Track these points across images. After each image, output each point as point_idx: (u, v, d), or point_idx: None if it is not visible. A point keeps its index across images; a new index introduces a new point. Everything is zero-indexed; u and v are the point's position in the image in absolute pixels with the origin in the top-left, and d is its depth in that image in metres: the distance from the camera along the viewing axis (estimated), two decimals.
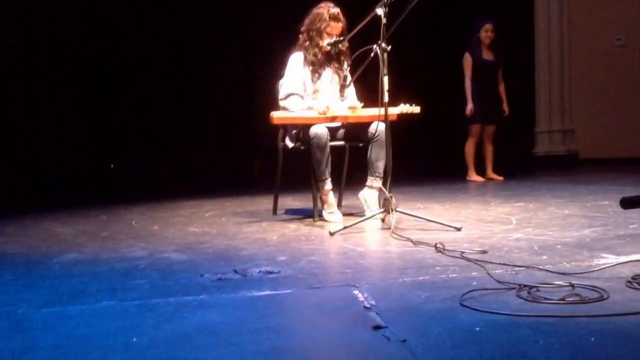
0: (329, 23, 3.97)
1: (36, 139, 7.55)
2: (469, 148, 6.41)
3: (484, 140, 6.48)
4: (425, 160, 8.12)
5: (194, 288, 2.31)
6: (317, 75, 4.06)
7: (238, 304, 2.09)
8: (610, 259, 2.50)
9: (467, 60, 6.31)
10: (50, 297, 2.29)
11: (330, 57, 4.09)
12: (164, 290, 2.30)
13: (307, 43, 4.03)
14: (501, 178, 6.37)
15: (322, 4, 4.04)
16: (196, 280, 2.44)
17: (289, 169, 4.29)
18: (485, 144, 6.48)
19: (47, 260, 3.01)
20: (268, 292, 2.22)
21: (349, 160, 4.38)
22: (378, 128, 3.89)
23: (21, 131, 7.48)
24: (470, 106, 6.26)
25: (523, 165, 7.69)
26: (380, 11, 3.50)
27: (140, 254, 3.06)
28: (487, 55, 6.33)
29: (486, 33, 6.27)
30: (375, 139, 3.90)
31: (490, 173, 6.45)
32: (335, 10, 3.99)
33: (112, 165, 8.14)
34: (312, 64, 4.03)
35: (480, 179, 6.35)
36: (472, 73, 6.28)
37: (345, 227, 3.48)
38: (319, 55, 4.03)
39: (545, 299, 1.97)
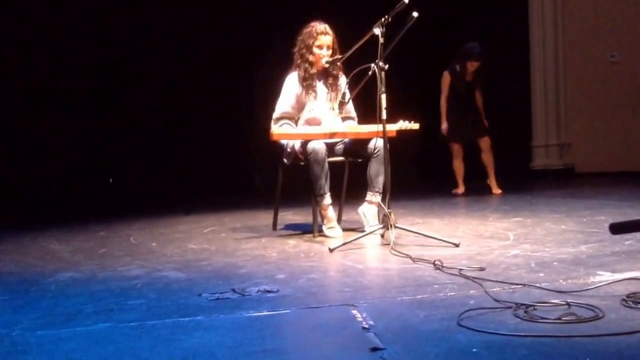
0: (317, 37, 4.04)
1: (34, 153, 7.54)
2: (454, 166, 6.50)
3: (481, 152, 6.48)
4: (424, 176, 8.13)
5: (192, 308, 2.31)
6: (310, 90, 4.10)
7: (236, 325, 2.09)
8: (605, 277, 2.50)
9: (446, 79, 6.37)
10: (45, 318, 2.27)
11: (325, 74, 4.14)
12: (161, 311, 2.30)
13: (299, 61, 4.11)
14: (500, 191, 6.37)
15: (310, 23, 4.12)
16: (194, 300, 2.43)
17: (290, 183, 4.30)
18: (483, 156, 6.48)
19: (43, 280, 3.00)
20: (266, 313, 2.21)
21: (349, 175, 4.39)
22: (377, 144, 3.91)
23: (20, 144, 7.48)
24: (445, 125, 6.31)
25: (521, 179, 7.70)
26: (377, 31, 3.53)
27: (137, 273, 3.05)
28: (467, 76, 6.38)
29: (472, 67, 6.28)
30: (375, 155, 3.93)
31: (492, 181, 6.44)
32: (322, 25, 4.08)
33: (111, 180, 8.13)
34: (304, 79, 4.08)
35: (459, 190, 6.40)
36: (451, 92, 6.34)
37: (344, 243, 3.49)
38: (310, 71, 4.09)
39: (542, 318, 1.97)
